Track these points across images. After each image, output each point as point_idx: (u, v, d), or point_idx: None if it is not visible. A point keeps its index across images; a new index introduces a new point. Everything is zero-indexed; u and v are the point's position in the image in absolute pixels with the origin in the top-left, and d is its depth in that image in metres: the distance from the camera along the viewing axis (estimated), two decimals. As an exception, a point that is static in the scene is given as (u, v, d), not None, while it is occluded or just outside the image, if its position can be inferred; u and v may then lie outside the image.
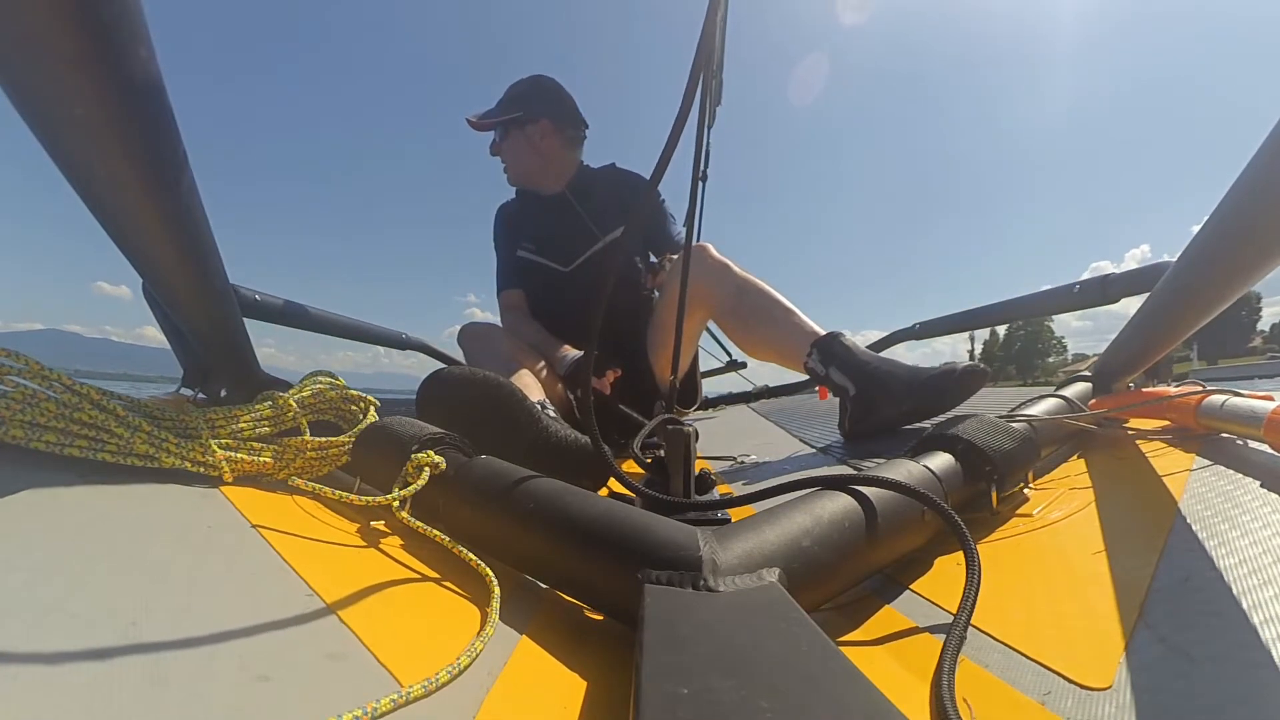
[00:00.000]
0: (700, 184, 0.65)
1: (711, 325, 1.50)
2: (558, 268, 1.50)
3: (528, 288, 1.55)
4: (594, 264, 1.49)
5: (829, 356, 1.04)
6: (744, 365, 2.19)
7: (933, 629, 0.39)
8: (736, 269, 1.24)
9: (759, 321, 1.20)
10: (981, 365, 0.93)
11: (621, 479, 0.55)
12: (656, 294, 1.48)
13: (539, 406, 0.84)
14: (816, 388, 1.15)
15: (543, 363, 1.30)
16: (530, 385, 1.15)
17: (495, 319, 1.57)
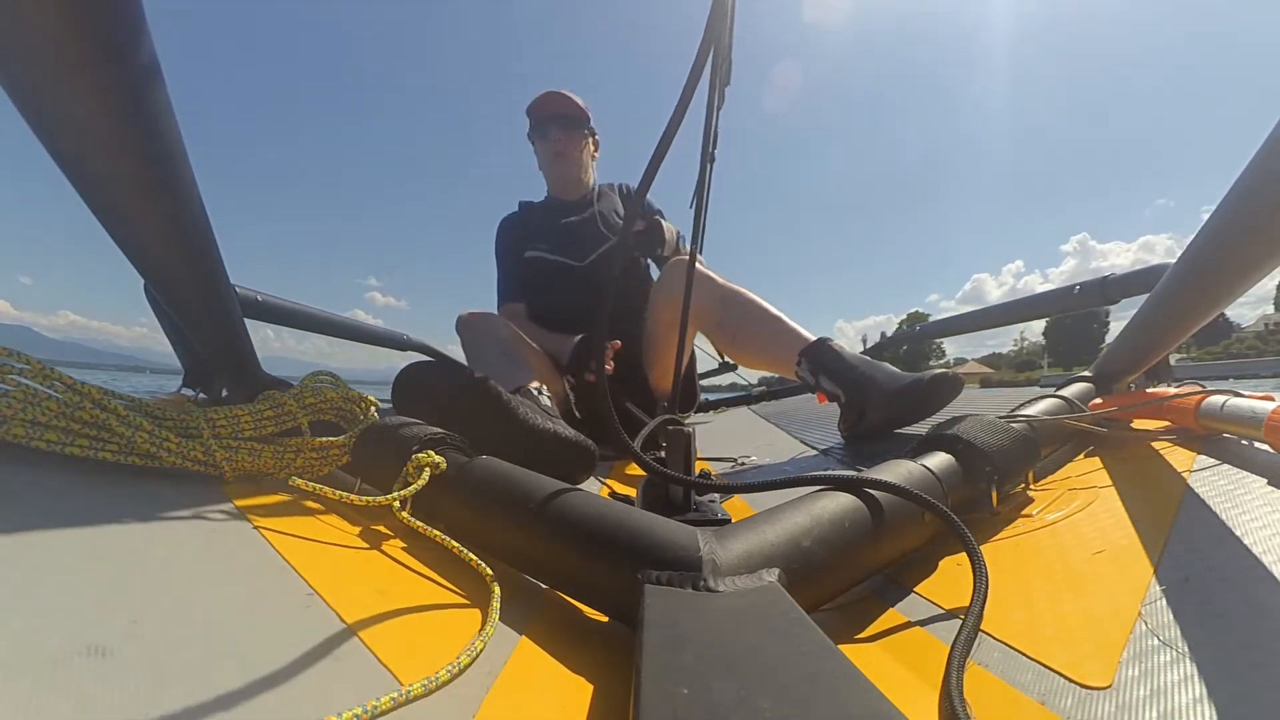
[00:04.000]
0: (709, 165, 0.64)
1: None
2: (572, 263, 1.55)
3: (536, 288, 1.58)
4: (606, 260, 1.55)
5: (818, 365, 1.05)
6: (734, 367, 2.19)
7: (935, 631, 0.39)
8: (720, 280, 1.24)
9: (747, 334, 1.20)
10: (950, 373, 0.95)
11: (638, 458, 0.53)
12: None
13: (515, 398, 0.82)
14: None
15: (545, 353, 1.31)
16: (536, 368, 1.16)
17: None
